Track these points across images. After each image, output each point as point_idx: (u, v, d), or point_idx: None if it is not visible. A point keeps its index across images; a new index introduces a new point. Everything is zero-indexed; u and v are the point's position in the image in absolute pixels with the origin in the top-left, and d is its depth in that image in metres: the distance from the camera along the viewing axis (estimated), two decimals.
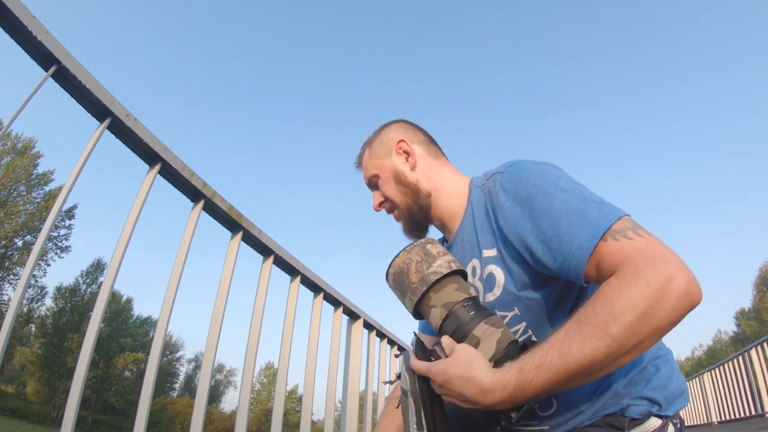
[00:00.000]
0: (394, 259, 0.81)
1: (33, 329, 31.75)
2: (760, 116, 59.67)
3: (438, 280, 0.76)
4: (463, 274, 0.80)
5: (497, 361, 0.69)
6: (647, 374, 0.77)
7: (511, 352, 0.70)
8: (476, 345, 0.72)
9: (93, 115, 0.94)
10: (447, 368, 0.68)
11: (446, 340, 0.72)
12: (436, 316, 0.77)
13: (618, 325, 0.58)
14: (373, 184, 1.00)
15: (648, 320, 0.57)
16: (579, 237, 0.65)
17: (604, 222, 0.64)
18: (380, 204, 0.99)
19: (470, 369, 0.65)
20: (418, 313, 0.80)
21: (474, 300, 0.77)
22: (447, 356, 0.70)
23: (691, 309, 0.59)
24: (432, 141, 1.00)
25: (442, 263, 0.78)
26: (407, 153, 0.96)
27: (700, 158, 68.04)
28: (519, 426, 0.83)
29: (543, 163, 0.79)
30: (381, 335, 2.32)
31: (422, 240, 0.83)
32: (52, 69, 0.82)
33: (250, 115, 70.74)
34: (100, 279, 32.50)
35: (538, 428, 0.81)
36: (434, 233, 1.00)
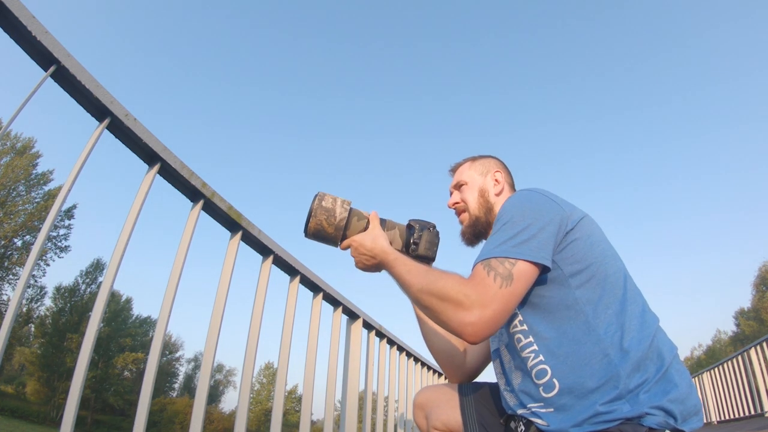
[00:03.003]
0: (307, 225, 1.08)
1: (32, 329, 31.69)
2: (758, 121, 59.75)
3: (345, 224, 1.09)
4: (354, 206, 1.12)
5: (405, 245, 1.15)
6: (667, 385, 0.84)
7: (406, 235, 1.16)
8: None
9: (92, 115, 0.93)
10: (361, 237, 1.10)
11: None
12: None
13: (431, 289, 0.91)
14: (458, 186, 1.23)
15: (439, 306, 0.89)
16: (481, 254, 0.93)
17: (492, 254, 0.90)
18: (455, 203, 1.22)
19: (376, 238, 1.08)
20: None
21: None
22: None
23: (454, 333, 0.88)
24: (513, 185, 1.25)
25: (341, 211, 1.08)
26: (498, 182, 1.20)
27: (700, 161, 68.14)
28: (529, 410, 0.93)
29: (523, 196, 0.99)
30: (380, 335, 2.32)
31: (317, 198, 1.08)
32: (52, 69, 0.81)
33: (250, 114, 70.75)
34: (100, 279, 32.47)
35: (540, 422, 0.90)
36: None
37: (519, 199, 0.98)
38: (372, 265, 1.10)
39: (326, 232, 1.08)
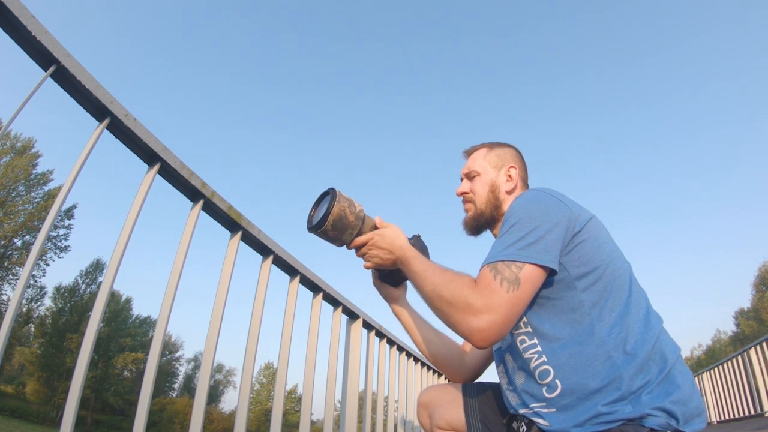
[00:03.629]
0: (330, 209, 1.01)
1: (32, 329, 31.70)
2: (757, 123, 59.75)
3: (364, 215, 1.06)
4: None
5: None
6: (670, 386, 0.84)
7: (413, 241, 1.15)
8: None
9: (92, 115, 0.93)
10: (382, 231, 1.08)
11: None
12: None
13: (442, 293, 0.91)
14: (470, 176, 1.18)
15: (449, 310, 0.90)
16: (488, 257, 0.93)
17: (499, 257, 0.89)
18: (464, 193, 1.18)
19: (397, 234, 1.07)
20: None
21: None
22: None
23: (463, 337, 0.89)
24: (527, 179, 1.20)
25: (358, 204, 1.07)
26: (510, 178, 1.16)
27: (700, 159, 68.16)
28: (531, 409, 0.93)
29: (531, 197, 0.98)
30: (380, 335, 2.32)
31: (336, 190, 1.04)
32: (52, 69, 0.81)
33: (250, 114, 70.75)
34: (100, 279, 32.44)
35: (542, 422, 0.90)
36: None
37: (527, 200, 0.97)
38: (388, 260, 1.07)
39: (348, 220, 1.03)
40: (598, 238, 0.94)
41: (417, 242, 1.17)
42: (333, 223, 1.02)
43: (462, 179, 1.22)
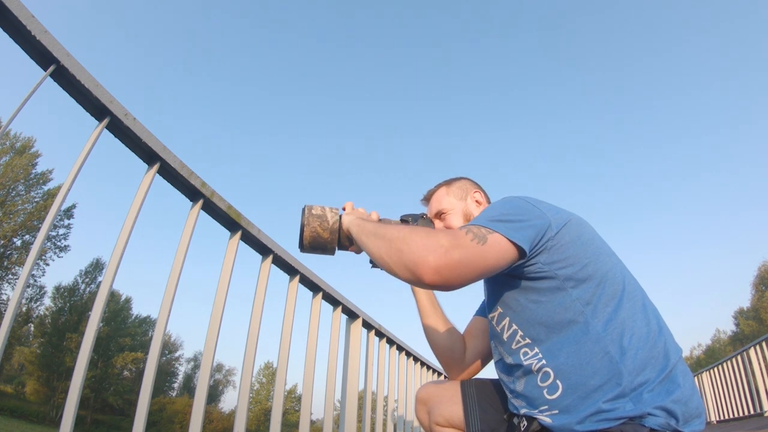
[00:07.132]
0: (302, 234, 1.08)
1: (32, 329, 31.70)
2: (756, 123, 59.83)
3: (339, 227, 1.09)
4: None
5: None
6: (671, 385, 0.84)
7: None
8: None
9: (92, 115, 0.93)
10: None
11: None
12: (347, 242, 1.13)
13: (403, 228, 0.89)
14: (439, 215, 1.20)
15: (409, 237, 0.85)
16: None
17: (473, 223, 0.88)
18: None
19: (372, 214, 1.12)
20: (337, 250, 1.14)
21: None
22: None
23: (413, 266, 0.81)
24: (490, 202, 1.23)
25: (332, 215, 1.10)
26: (479, 203, 1.20)
27: (700, 158, 68.26)
28: (536, 413, 0.92)
29: (506, 200, 0.98)
30: (380, 335, 2.32)
31: (306, 209, 1.09)
32: (51, 68, 0.82)
33: (250, 114, 70.79)
34: (99, 278, 32.44)
35: (545, 419, 0.90)
36: None
37: (502, 202, 0.98)
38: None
39: (322, 238, 1.09)
40: (581, 237, 0.94)
41: (423, 222, 1.19)
42: (310, 246, 1.10)
43: (432, 223, 1.22)
